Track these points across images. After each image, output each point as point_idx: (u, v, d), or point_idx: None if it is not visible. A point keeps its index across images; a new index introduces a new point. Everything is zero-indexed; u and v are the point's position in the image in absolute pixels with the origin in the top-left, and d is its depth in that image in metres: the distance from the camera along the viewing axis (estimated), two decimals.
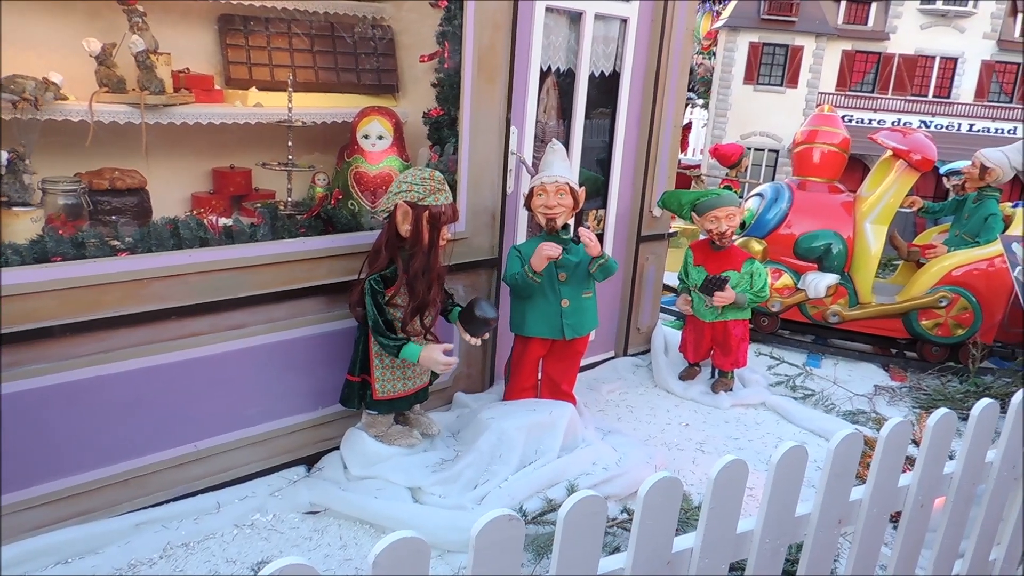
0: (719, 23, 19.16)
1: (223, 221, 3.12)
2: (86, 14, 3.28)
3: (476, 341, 3.41)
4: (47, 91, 2.76)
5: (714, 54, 20.65)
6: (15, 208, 2.70)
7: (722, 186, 9.46)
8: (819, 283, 5.54)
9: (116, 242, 2.81)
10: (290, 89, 3.54)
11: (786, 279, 5.67)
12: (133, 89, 3.17)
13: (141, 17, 3.11)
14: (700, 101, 21.03)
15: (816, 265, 5.62)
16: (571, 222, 3.86)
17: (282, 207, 3.60)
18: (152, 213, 3.36)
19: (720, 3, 22.52)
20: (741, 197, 9.99)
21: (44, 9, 3.16)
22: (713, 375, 4.87)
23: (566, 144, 4.40)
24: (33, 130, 2.89)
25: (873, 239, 5.55)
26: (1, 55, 2.74)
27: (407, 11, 4.05)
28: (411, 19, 4.03)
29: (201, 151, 3.81)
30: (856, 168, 17.25)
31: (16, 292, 2.54)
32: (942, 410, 2.25)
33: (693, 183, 10.43)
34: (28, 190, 2.73)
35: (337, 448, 3.50)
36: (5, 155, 2.67)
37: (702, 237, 4.78)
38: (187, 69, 3.55)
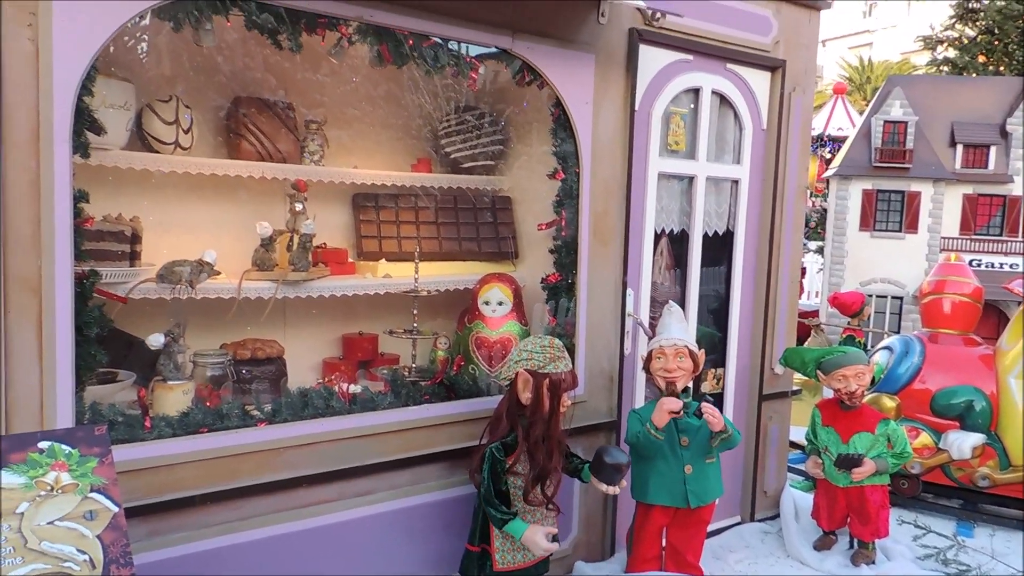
0: (829, 172, 19.15)
1: (352, 388, 3.25)
2: (249, 197, 3.65)
3: (615, 490, 3.33)
4: (202, 272, 3.02)
5: (826, 196, 20.54)
6: (169, 382, 2.91)
7: (844, 336, 9.15)
8: (963, 443, 5.15)
9: (256, 412, 2.96)
10: (416, 261, 3.74)
11: (925, 438, 5.31)
12: (278, 265, 3.43)
13: (303, 202, 3.41)
14: (813, 246, 20.76)
15: (957, 423, 5.26)
16: (691, 385, 3.80)
17: (406, 372, 3.73)
18: (288, 379, 3.56)
19: (826, 147, 22.61)
20: (865, 347, 9.61)
21: (215, 194, 3.54)
22: (851, 545, 4.52)
23: (682, 304, 4.40)
24: (187, 309, 3.16)
25: (1019, 395, 5.17)
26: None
27: (525, 182, 4.29)
28: (529, 189, 4.26)
29: (333, 319, 4.06)
30: (991, 315, 16.36)
31: (163, 463, 2.69)
32: None
33: (812, 332, 10.15)
34: (181, 368, 2.94)
35: None
36: (162, 337, 2.90)
37: (828, 394, 4.59)
38: (324, 244, 3.84)
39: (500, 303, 3.86)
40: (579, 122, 3.78)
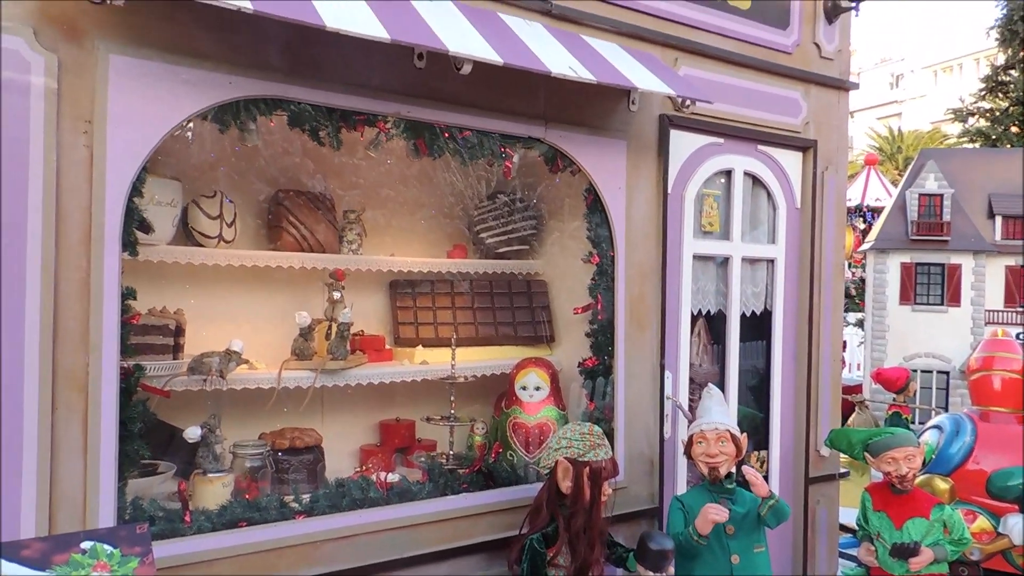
0: (865, 246, 19.01)
1: (390, 477, 3.23)
2: (288, 287, 3.72)
3: None
4: (230, 361, 3.05)
5: (863, 267, 20.33)
6: (209, 474, 2.91)
7: (890, 412, 8.91)
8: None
9: (294, 503, 2.94)
10: (453, 347, 3.75)
11: (982, 522, 5.10)
12: (316, 354, 3.46)
13: (341, 291, 3.46)
14: (852, 318, 20.44)
15: (1016, 506, 5.04)
16: (734, 470, 3.71)
17: (444, 460, 3.69)
18: (326, 467, 3.54)
19: (860, 217, 22.51)
20: (912, 423, 9.34)
21: (256, 284, 3.61)
22: None
23: (721, 386, 4.34)
24: (222, 400, 3.18)
25: None
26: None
27: (560, 264, 4.32)
28: (564, 273, 4.28)
29: (371, 406, 4.06)
30: None
31: (203, 559, 2.67)
32: None
33: (856, 409, 9.90)
34: (220, 459, 2.95)
35: None
36: (198, 430, 2.93)
37: (877, 475, 4.44)
38: (362, 331, 3.88)
39: (537, 388, 3.83)
40: (612, 207, 3.83)
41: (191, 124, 2.79)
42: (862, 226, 22.31)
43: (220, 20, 2.56)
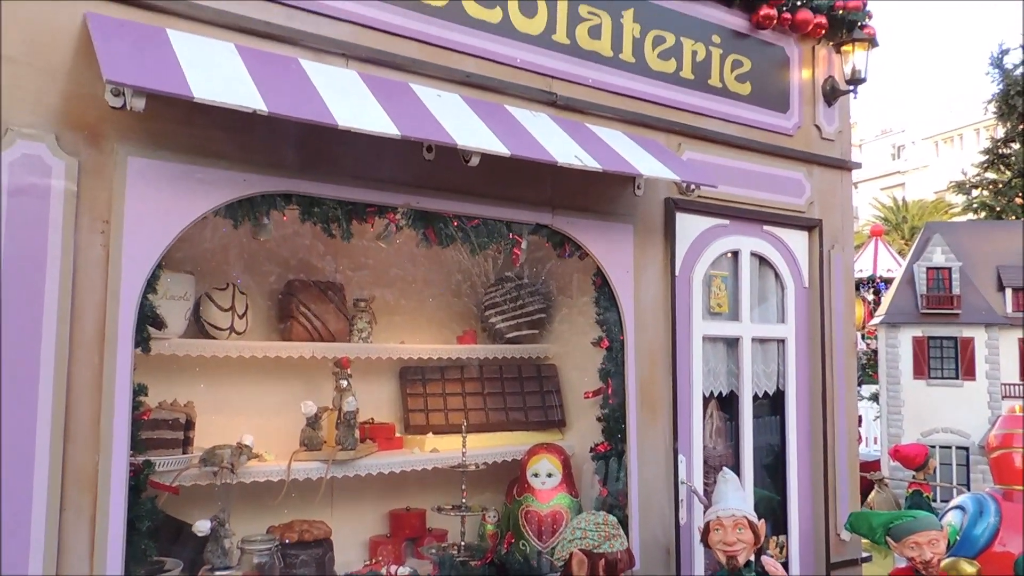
0: (875, 320, 18.93)
1: (400, 571, 3.16)
2: (299, 376, 3.72)
3: None
4: (241, 455, 3.03)
5: (876, 338, 20.17)
6: (216, 572, 2.86)
7: (910, 491, 8.68)
8: None
9: None
10: (464, 435, 3.72)
11: None
12: (326, 443, 3.44)
13: (348, 379, 3.46)
14: (866, 391, 20.16)
15: None
16: (752, 558, 3.61)
17: (455, 551, 3.62)
18: (335, 560, 3.47)
19: (869, 289, 22.46)
20: (933, 501, 9.10)
21: (266, 375, 3.61)
22: None
23: (736, 469, 4.27)
24: (232, 493, 3.15)
25: None
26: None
27: (570, 349, 4.31)
28: (574, 356, 4.27)
29: (381, 495, 3.99)
30: None
31: None
32: None
33: (876, 487, 9.66)
34: (228, 554, 2.90)
35: None
36: (208, 524, 2.89)
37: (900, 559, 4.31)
38: (372, 419, 3.86)
39: (549, 474, 3.78)
40: (621, 290, 3.85)
41: (205, 220, 2.84)
42: (871, 297, 22.25)
43: (236, 121, 2.64)
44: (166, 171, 2.60)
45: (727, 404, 4.49)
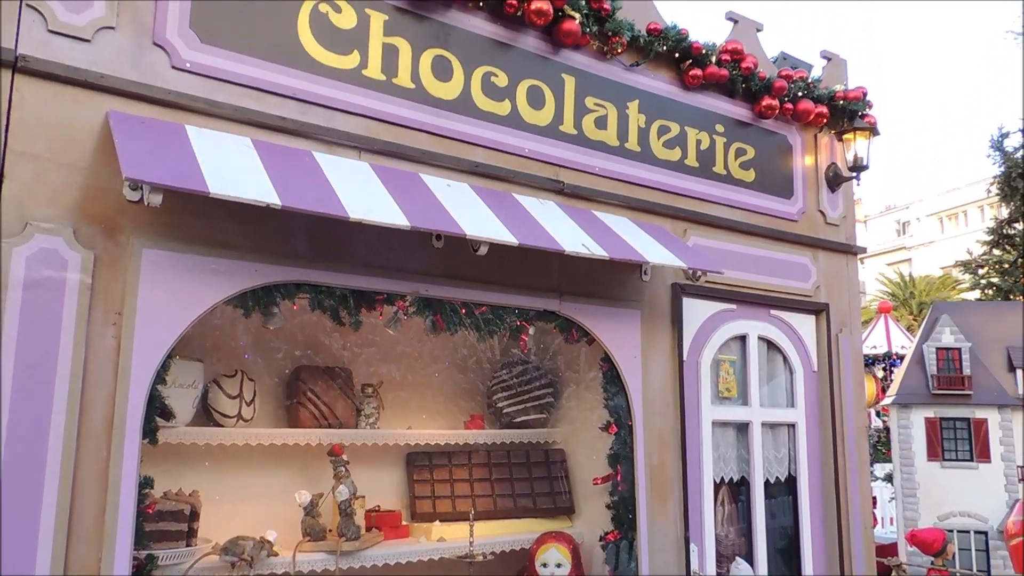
0: (887, 400, 18.69)
1: None
2: (304, 462, 3.68)
3: None
4: (263, 550, 2.98)
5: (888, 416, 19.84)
6: None
7: None
8: None
9: None
10: (471, 524, 3.65)
11: None
12: (330, 531, 3.37)
13: (344, 466, 3.43)
14: (880, 472, 19.74)
15: None
16: None
17: None
18: None
19: (881, 365, 22.22)
20: None
21: (272, 461, 3.58)
22: None
23: (749, 558, 4.17)
24: None
25: None
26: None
27: (578, 435, 4.26)
28: (582, 440, 4.22)
29: None
30: None
31: None
32: None
33: (893, 574, 9.37)
34: None
35: None
36: None
37: None
38: (378, 507, 3.79)
39: (559, 565, 3.70)
40: (629, 375, 3.83)
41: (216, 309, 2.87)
42: (880, 374, 21.99)
43: (250, 213, 2.69)
44: (180, 262, 2.64)
45: (738, 489, 4.41)
